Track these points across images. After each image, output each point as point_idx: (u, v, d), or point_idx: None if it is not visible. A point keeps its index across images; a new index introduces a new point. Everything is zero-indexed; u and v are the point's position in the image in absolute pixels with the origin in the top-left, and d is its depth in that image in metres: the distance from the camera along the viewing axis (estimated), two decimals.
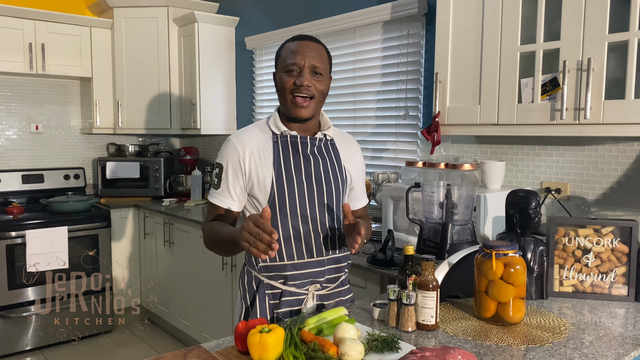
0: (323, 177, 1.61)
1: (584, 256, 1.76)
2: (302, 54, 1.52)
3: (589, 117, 1.80)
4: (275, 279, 1.61)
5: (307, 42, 1.55)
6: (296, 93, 1.52)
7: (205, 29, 3.92)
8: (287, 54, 1.55)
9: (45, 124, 4.20)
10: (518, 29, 1.99)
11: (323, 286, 1.65)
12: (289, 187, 1.56)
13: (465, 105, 2.19)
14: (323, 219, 1.61)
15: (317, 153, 1.62)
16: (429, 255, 1.47)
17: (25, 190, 4.02)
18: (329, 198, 1.62)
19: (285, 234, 1.58)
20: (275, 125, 1.60)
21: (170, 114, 4.14)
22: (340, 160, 1.67)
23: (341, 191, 1.66)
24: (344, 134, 1.76)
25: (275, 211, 1.56)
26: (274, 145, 1.58)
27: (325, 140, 1.65)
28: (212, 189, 1.64)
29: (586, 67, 1.80)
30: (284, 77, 1.54)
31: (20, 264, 3.47)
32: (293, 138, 1.59)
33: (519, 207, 1.75)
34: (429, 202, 1.78)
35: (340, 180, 1.65)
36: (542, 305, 1.68)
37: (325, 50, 1.60)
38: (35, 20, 3.74)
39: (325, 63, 1.57)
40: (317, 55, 1.54)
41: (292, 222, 1.57)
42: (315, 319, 1.40)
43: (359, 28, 3.07)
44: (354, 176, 1.72)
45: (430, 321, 1.44)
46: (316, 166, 1.60)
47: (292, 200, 1.56)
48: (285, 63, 1.54)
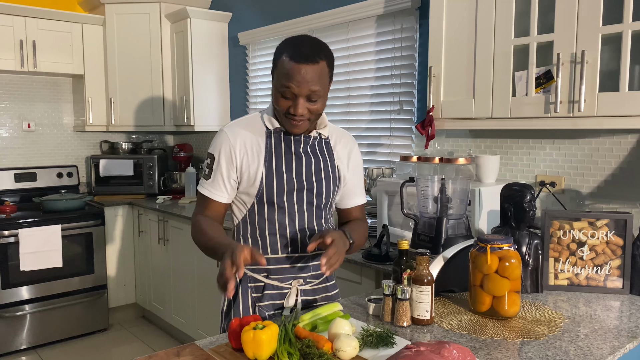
0: (314, 177, 1.58)
1: (579, 249, 1.75)
2: (297, 82, 1.41)
3: (583, 109, 1.79)
4: (258, 272, 1.60)
5: (306, 68, 1.40)
6: (290, 117, 1.47)
7: (198, 24, 3.89)
8: (282, 72, 1.43)
9: (37, 122, 4.16)
10: (512, 22, 1.99)
11: (307, 281, 1.63)
12: (278, 184, 1.54)
13: (459, 99, 2.18)
14: (311, 218, 1.60)
15: (310, 152, 1.59)
16: (423, 250, 1.46)
17: (18, 188, 3.99)
18: (317, 197, 1.59)
19: (271, 229, 1.57)
20: (270, 120, 1.56)
21: (164, 110, 4.12)
22: (333, 160, 1.63)
23: (331, 191, 1.63)
24: (340, 131, 1.71)
25: (263, 207, 1.56)
26: (267, 140, 1.55)
27: (320, 139, 1.61)
28: (202, 179, 1.60)
29: (580, 60, 1.79)
30: (279, 97, 1.46)
31: (13, 263, 3.44)
32: (286, 135, 1.56)
33: (513, 201, 1.74)
34: (424, 197, 1.77)
35: (332, 180, 1.62)
36: (537, 299, 1.68)
37: (327, 64, 1.45)
38: (25, 17, 3.70)
39: (324, 83, 1.45)
40: (315, 80, 1.42)
41: (279, 219, 1.56)
42: (309, 315, 1.39)
43: (352, 22, 3.05)
44: (348, 175, 1.68)
45: (426, 316, 1.43)
46: (307, 165, 1.57)
47: (280, 198, 1.55)
48: (280, 82, 1.44)
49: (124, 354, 3.56)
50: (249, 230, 1.59)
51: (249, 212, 1.59)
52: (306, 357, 1.17)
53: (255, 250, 1.33)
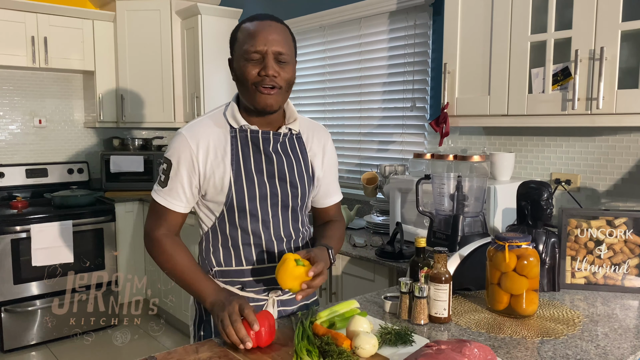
0: (287, 178, 1.44)
1: (597, 248, 1.74)
2: (263, 39, 1.32)
3: (601, 107, 1.77)
4: (232, 284, 1.46)
5: (270, 23, 1.35)
6: (260, 85, 1.34)
7: (209, 21, 3.88)
8: (245, 38, 1.34)
9: (48, 118, 4.18)
10: (528, 18, 1.97)
11: (284, 291, 1.49)
12: (248, 189, 1.40)
13: (474, 96, 2.16)
14: (286, 223, 1.47)
15: (281, 150, 1.45)
16: (441, 248, 1.45)
17: (29, 184, 4.00)
18: (293, 200, 1.46)
19: (245, 239, 1.44)
20: (234, 117, 1.41)
21: (174, 106, 4.12)
22: (306, 158, 1.50)
23: (307, 192, 1.50)
24: (312, 123, 1.57)
25: (234, 215, 1.41)
26: (232, 140, 1.40)
27: (290, 135, 1.47)
28: (157, 185, 1.43)
29: (599, 56, 1.77)
30: (245, 66, 1.34)
31: (25, 258, 3.46)
32: (254, 133, 1.41)
33: (530, 199, 1.73)
34: (440, 194, 1.76)
35: (307, 180, 1.49)
36: (554, 297, 1.66)
37: (290, 33, 1.40)
38: (37, 14, 3.71)
39: (290, 47, 1.37)
40: (282, 40, 1.34)
41: (252, 227, 1.43)
42: (327, 312, 1.38)
43: (365, 19, 3.04)
44: (323, 172, 1.55)
45: (443, 314, 1.42)
46: (279, 165, 1.43)
47: (253, 204, 1.41)
48: (243, 49, 1.34)
49: (134, 349, 3.57)
50: (220, 241, 1.45)
51: (218, 221, 1.44)
52: (325, 355, 1.17)
53: (248, 311, 1.24)
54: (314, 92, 3.47)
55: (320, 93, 3.41)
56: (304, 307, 1.57)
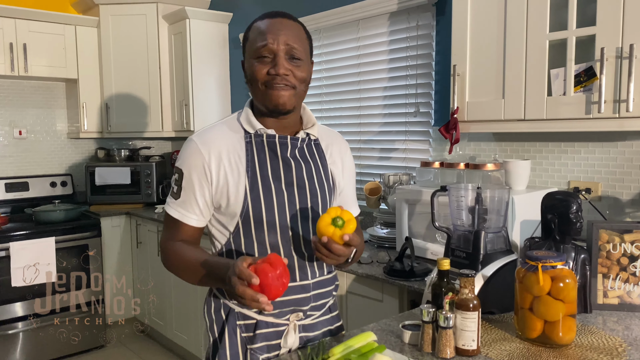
0: (307, 185, 1.34)
1: (631, 264, 1.58)
2: (274, 35, 1.25)
3: (631, 109, 1.63)
4: (248, 307, 1.33)
5: (281, 20, 1.29)
6: (271, 84, 1.26)
7: (197, 25, 3.71)
8: (256, 36, 1.28)
9: (29, 128, 3.97)
10: (547, 14, 1.82)
11: (307, 314, 1.37)
12: (265, 197, 1.29)
13: (487, 100, 2.01)
14: (307, 236, 1.34)
15: (299, 156, 1.35)
16: (468, 271, 1.28)
17: (9, 199, 3.78)
18: (313, 210, 1.35)
19: (262, 252, 1.31)
20: (248, 122, 1.32)
21: (162, 115, 3.93)
22: (326, 165, 1.41)
23: (328, 201, 1.39)
24: (331, 131, 1.49)
25: (250, 226, 1.30)
26: (247, 146, 1.31)
27: (309, 140, 1.38)
28: (170, 197, 1.35)
29: (627, 55, 1.62)
30: (255, 65, 1.27)
31: (4, 278, 3.24)
32: (270, 138, 1.31)
33: (557, 211, 1.57)
34: (458, 208, 1.60)
35: (327, 188, 1.39)
36: (587, 321, 1.50)
37: (304, 30, 1.33)
38: (15, 19, 3.51)
39: (304, 45, 1.30)
40: (294, 35, 1.28)
41: (270, 240, 1.31)
42: (341, 348, 1.21)
43: (363, 20, 2.88)
44: (342, 182, 1.46)
45: (472, 345, 1.26)
46: (298, 172, 1.34)
47: (270, 214, 1.30)
48: (254, 47, 1.27)
49: None
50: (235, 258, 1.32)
51: (233, 236, 1.33)
52: None
53: None
54: (310, 97, 3.30)
55: (317, 99, 3.25)
56: (328, 333, 1.43)
